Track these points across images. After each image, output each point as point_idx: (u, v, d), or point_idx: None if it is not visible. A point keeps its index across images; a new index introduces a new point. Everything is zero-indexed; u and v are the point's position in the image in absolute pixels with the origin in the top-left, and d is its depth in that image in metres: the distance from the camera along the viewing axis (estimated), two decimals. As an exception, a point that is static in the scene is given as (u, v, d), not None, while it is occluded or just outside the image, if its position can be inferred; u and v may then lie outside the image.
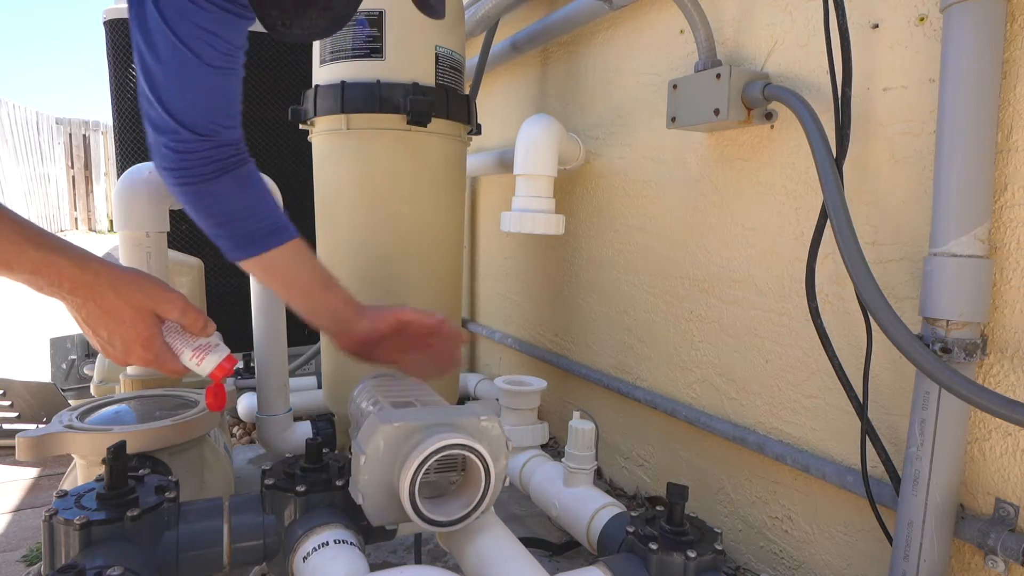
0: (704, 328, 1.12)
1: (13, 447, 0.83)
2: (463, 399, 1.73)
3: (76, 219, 9.03)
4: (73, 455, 0.89)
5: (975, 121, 0.68)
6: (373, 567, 0.64)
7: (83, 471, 0.89)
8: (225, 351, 0.68)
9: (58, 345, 1.77)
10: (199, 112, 0.71)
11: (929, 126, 0.77)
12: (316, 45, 1.27)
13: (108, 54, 1.73)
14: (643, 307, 1.27)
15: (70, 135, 8.91)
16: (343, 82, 1.19)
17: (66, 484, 0.97)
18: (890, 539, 0.80)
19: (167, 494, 0.68)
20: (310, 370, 1.80)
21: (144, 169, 1.07)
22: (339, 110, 1.19)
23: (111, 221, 8.83)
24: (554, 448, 1.58)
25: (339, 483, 0.73)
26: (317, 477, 0.73)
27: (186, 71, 0.68)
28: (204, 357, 0.67)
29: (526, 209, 1.29)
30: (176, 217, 1.08)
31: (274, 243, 0.78)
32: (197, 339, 0.67)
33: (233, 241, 0.78)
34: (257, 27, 0.64)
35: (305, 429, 1.35)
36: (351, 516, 0.72)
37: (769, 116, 0.95)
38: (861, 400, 0.82)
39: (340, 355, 1.32)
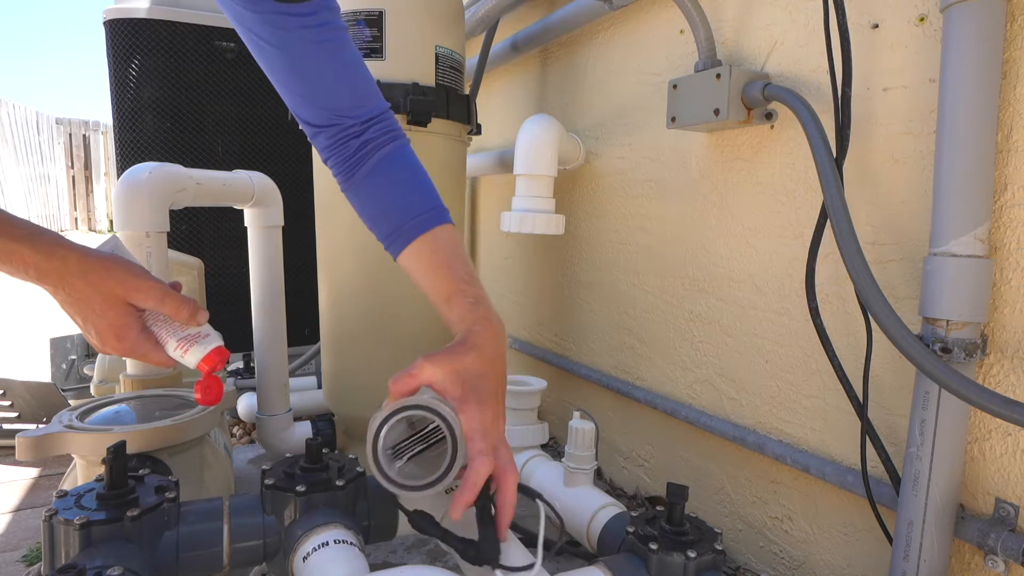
0: (704, 328, 1.12)
1: (13, 447, 0.83)
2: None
3: (76, 219, 9.03)
4: (73, 455, 0.89)
5: (975, 121, 0.68)
6: (373, 567, 0.63)
7: (83, 471, 0.89)
8: (215, 342, 0.63)
9: (58, 345, 1.77)
10: (306, 104, 0.69)
11: (929, 126, 0.77)
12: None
13: (108, 54, 1.73)
14: (643, 307, 1.27)
15: (70, 135, 8.91)
16: (343, 82, 1.19)
17: (66, 484, 0.97)
18: (890, 539, 0.80)
19: (167, 494, 0.68)
20: (310, 370, 1.80)
21: (144, 169, 1.07)
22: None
23: (111, 221, 8.82)
24: (554, 448, 1.58)
25: (339, 483, 0.73)
26: (317, 477, 0.73)
27: (272, 64, 0.66)
28: (189, 348, 0.62)
29: (526, 209, 1.29)
30: (176, 217, 1.08)
31: (395, 250, 0.71)
32: (186, 329, 0.62)
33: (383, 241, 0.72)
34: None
35: (305, 429, 1.35)
36: (351, 516, 0.72)
37: (769, 116, 0.95)
38: (861, 400, 0.82)
39: (341, 355, 1.32)
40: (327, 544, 0.66)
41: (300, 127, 0.73)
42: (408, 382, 0.61)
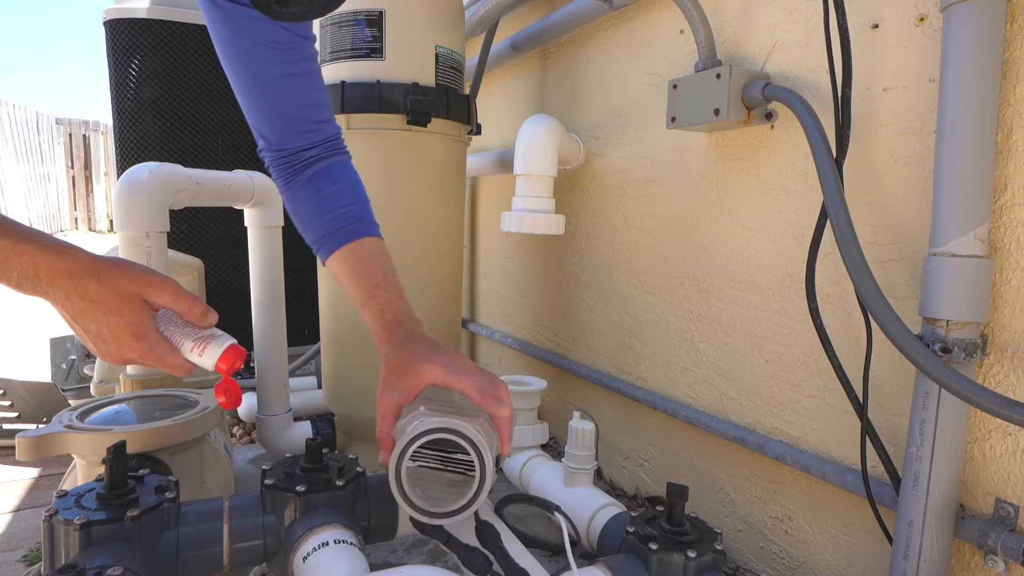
0: (704, 328, 1.12)
1: (13, 447, 0.83)
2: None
3: (76, 219, 9.04)
4: (73, 455, 0.89)
5: (975, 121, 0.68)
6: (373, 567, 0.64)
7: (83, 471, 0.89)
8: (229, 340, 0.62)
9: (58, 345, 1.77)
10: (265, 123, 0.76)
11: (929, 126, 0.77)
12: (316, 45, 1.27)
13: (108, 54, 1.73)
14: (643, 307, 1.27)
15: (70, 135, 8.92)
16: (343, 82, 1.19)
17: (66, 484, 0.97)
18: (890, 539, 0.80)
19: (167, 494, 0.68)
20: (310, 370, 1.80)
21: (144, 169, 1.07)
22: (339, 110, 1.19)
23: (111, 221, 8.83)
24: (554, 448, 1.58)
25: (339, 483, 0.73)
26: (317, 477, 0.73)
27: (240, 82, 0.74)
28: (205, 348, 0.60)
29: (526, 209, 1.29)
30: (176, 217, 1.08)
31: (323, 255, 0.77)
32: (199, 331, 0.61)
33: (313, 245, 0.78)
34: None
35: (305, 429, 1.35)
36: (351, 516, 0.72)
37: (769, 116, 0.95)
38: (861, 400, 0.82)
39: (341, 355, 1.32)
40: (327, 544, 0.66)
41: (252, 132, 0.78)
42: (387, 429, 0.66)
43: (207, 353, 0.60)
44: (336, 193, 0.77)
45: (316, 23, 1.25)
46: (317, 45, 1.24)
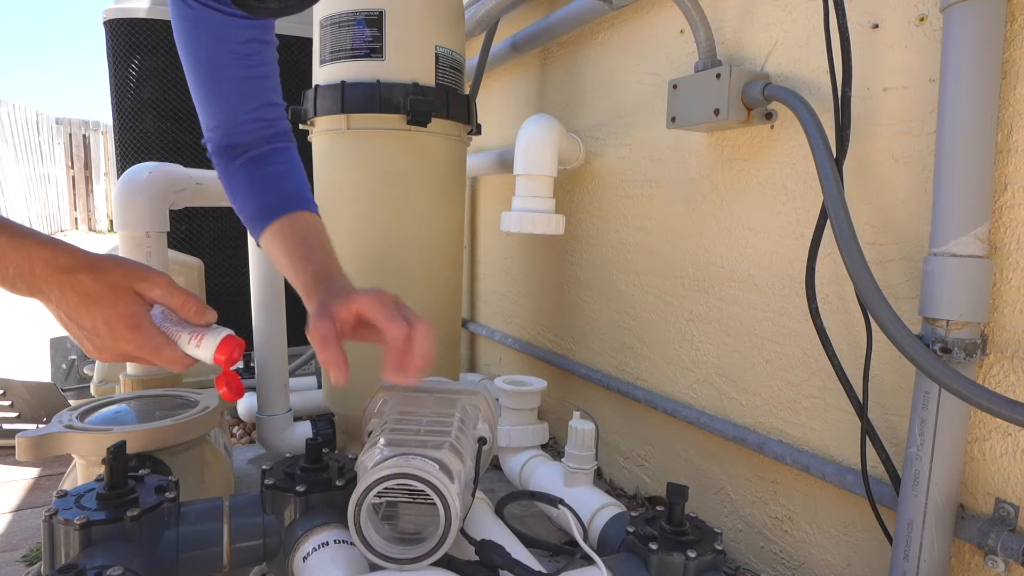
0: (704, 328, 1.12)
1: (13, 447, 0.83)
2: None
3: (76, 219, 9.04)
4: (73, 455, 0.89)
5: (975, 121, 0.68)
6: (373, 567, 0.63)
7: (83, 471, 0.90)
8: (226, 331, 0.61)
9: (58, 345, 1.77)
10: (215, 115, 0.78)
11: (929, 126, 0.77)
12: (316, 45, 1.27)
13: (108, 54, 1.73)
14: (643, 307, 1.27)
15: (70, 135, 8.92)
16: (343, 82, 1.19)
17: (66, 484, 0.97)
18: (890, 539, 0.80)
19: (167, 494, 0.68)
20: (310, 370, 1.80)
21: (144, 169, 1.07)
22: (339, 110, 1.19)
23: (111, 221, 8.83)
24: (554, 448, 1.58)
25: (339, 483, 0.73)
26: (317, 477, 0.73)
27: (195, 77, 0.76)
28: (203, 339, 0.59)
29: (526, 209, 1.29)
30: (176, 217, 1.08)
31: (257, 231, 0.79)
32: (196, 325, 0.60)
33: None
34: None
35: (305, 429, 1.35)
36: (351, 516, 0.72)
37: (769, 116, 0.95)
38: (861, 400, 0.82)
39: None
40: (327, 544, 0.66)
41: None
42: (328, 353, 0.64)
43: (204, 344, 0.59)
44: (274, 174, 0.79)
45: (312, 24, 1.25)
46: (317, 44, 1.25)
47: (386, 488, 0.61)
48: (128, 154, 1.74)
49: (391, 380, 0.64)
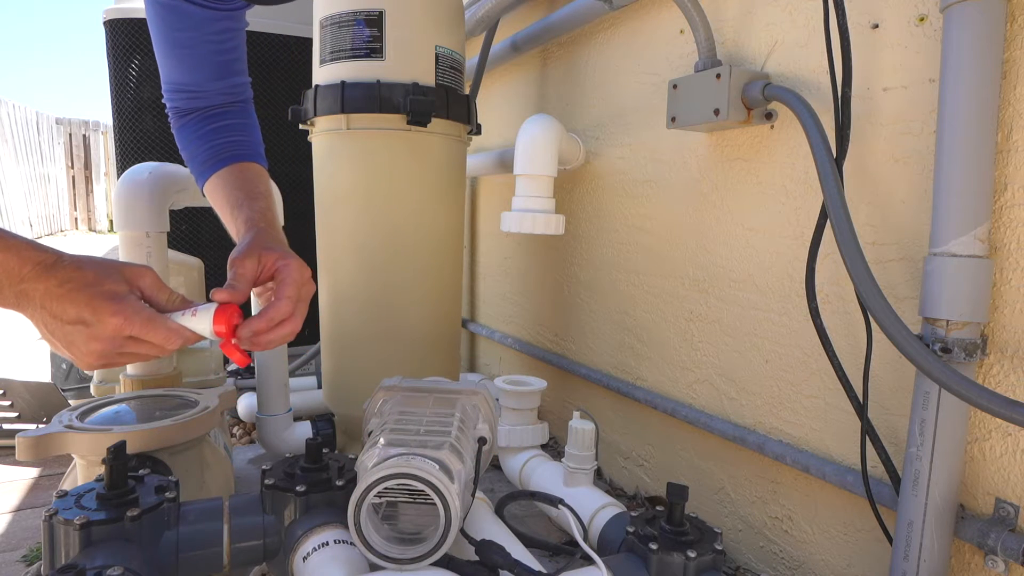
0: (704, 328, 1.12)
1: (13, 447, 0.83)
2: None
3: (76, 219, 9.04)
4: (73, 455, 0.89)
5: (975, 121, 0.68)
6: (373, 567, 0.64)
7: (83, 471, 0.90)
8: (217, 303, 0.59)
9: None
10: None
11: (929, 126, 0.77)
12: (315, 45, 1.27)
13: (108, 54, 1.73)
14: (643, 307, 1.27)
15: (70, 135, 8.92)
16: (343, 82, 1.19)
17: (66, 484, 0.97)
18: (890, 539, 0.80)
19: (167, 494, 0.68)
20: (310, 370, 1.80)
21: (144, 169, 1.07)
22: (339, 110, 1.19)
23: (111, 221, 8.83)
24: (554, 448, 1.58)
25: (339, 483, 0.73)
26: (317, 477, 0.73)
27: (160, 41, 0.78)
28: (196, 311, 0.57)
29: (526, 209, 1.29)
30: (176, 217, 1.08)
31: (202, 180, 0.81)
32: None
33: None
34: (255, 27, 0.65)
35: (305, 429, 1.35)
36: (351, 516, 0.72)
37: (769, 116, 0.95)
38: (861, 400, 0.82)
39: (341, 355, 1.32)
40: (327, 544, 0.66)
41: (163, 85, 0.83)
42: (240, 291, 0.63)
43: (200, 314, 0.57)
44: (228, 127, 0.81)
45: (312, 24, 1.25)
46: (317, 44, 1.25)
47: (386, 488, 0.61)
48: (128, 154, 1.74)
49: (234, 338, 0.62)
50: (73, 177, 8.97)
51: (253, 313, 0.64)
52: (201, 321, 0.57)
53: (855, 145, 0.85)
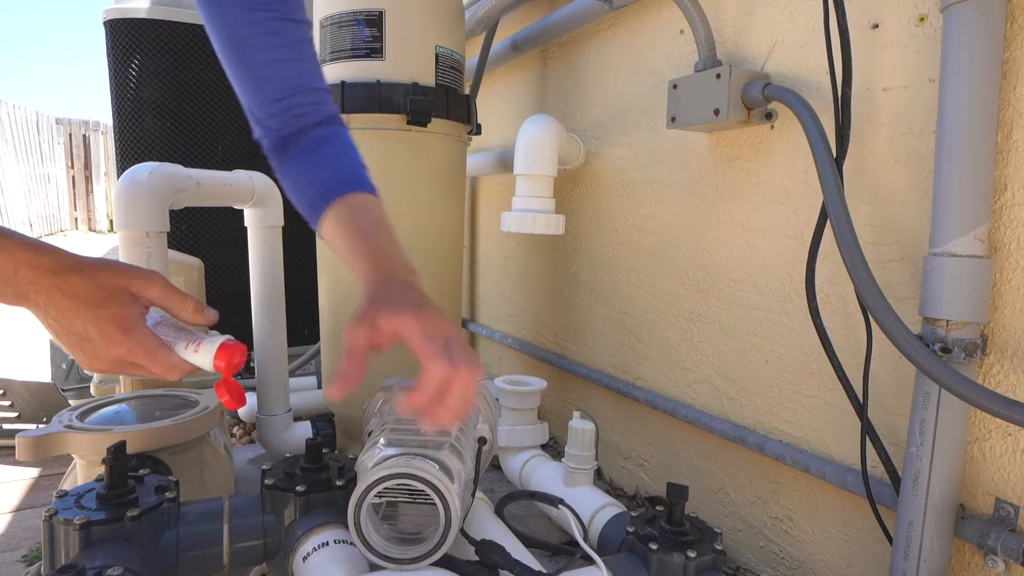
0: (704, 328, 1.12)
1: (13, 447, 0.83)
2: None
3: (76, 219, 9.03)
4: (73, 455, 0.89)
5: (975, 121, 0.68)
6: (373, 567, 0.64)
7: (83, 471, 0.89)
8: (224, 336, 0.57)
9: (58, 346, 1.77)
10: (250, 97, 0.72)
11: (929, 126, 0.77)
12: (316, 45, 1.27)
13: (108, 54, 1.73)
14: (643, 307, 1.27)
15: (70, 135, 8.91)
16: (343, 82, 1.19)
17: (66, 484, 0.97)
18: (890, 539, 0.80)
19: (167, 494, 0.68)
20: (310, 370, 1.80)
21: (144, 169, 1.07)
22: (339, 110, 1.19)
23: (111, 221, 8.84)
24: (554, 448, 1.58)
25: (339, 483, 0.73)
26: (317, 477, 0.73)
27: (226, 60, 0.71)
28: (200, 345, 0.56)
29: (526, 209, 1.29)
30: (176, 217, 1.08)
31: (315, 224, 0.71)
32: (193, 333, 0.57)
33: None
34: None
35: (305, 429, 1.35)
36: (351, 516, 0.72)
37: (769, 116, 0.95)
38: (861, 400, 0.82)
39: (340, 355, 1.32)
40: (327, 544, 0.66)
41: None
42: (353, 365, 0.57)
43: (203, 349, 0.56)
44: (325, 157, 0.72)
45: (315, 21, 1.25)
46: (317, 45, 1.25)
47: (386, 488, 0.61)
48: (128, 154, 1.74)
49: (422, 427, 0.60)
50: (73, 177, 8.97)
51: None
52: (204, 356, 0.56)
53: (855, 145, 0.85)
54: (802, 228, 0.94)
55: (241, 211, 1.32)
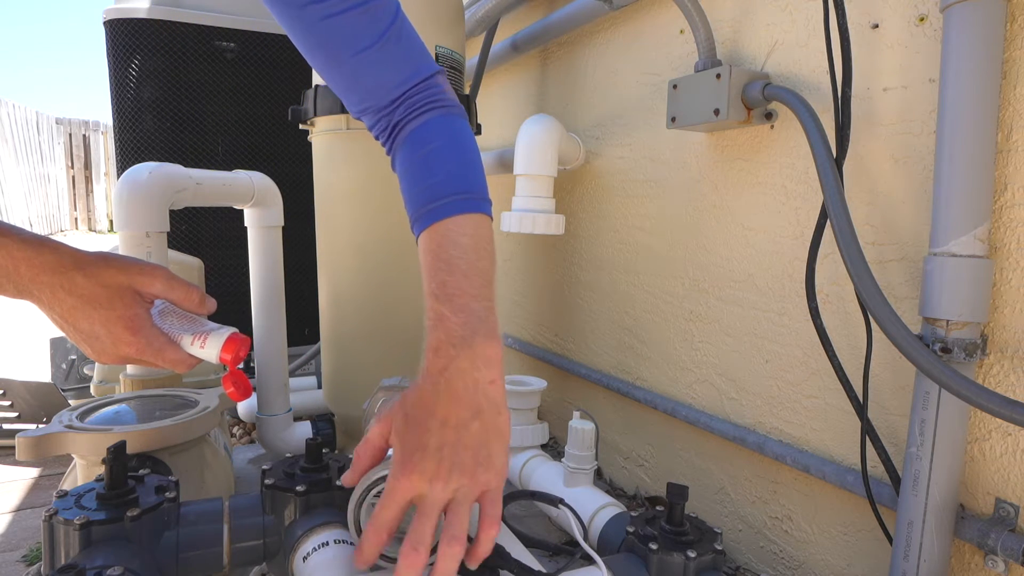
0: (704, 328, 1.12)
1: (13, 447, 0.83)
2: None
3: (76, 219, 9.04)
4: (73, 455, 0.89)
5: (975, 121, 0.68)
6: (373, 567, 0.63)
7: (83, 471, 0.89)
8: (230, 329, 0.58)
9: (58, 345, 1.77)
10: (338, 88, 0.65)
11: (929, 126, 0.77)
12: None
13: (108, 54, 1.73)
14: (643, 307, 1.27)
15: (70, 135, 8.92)
16: (343, 82, 1.19)
17: (66, 484, 0.97)
18: (890, 539, 0.80)
19: (167, 494, 0.68)
20: (310, 370, 1.80)
21: (144, 169, 1.07)
22: (339, 110, 1.19)
23: (111, 221, 8.83)
24: (554, 448, 1.58)
25: (339, 483, 0.72)
26: (317, 477, 0.73)
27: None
28: (207, 339, 0.57)
29: (526, 209, 1.29)
30: (176, 217, 1.08)
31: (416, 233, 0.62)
32: (199, 325, 0.58)
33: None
34: (255, 27, 0.64)
35: (305, 429, 1.35)
36: (351, 516, 0.72)
37: (769, 116, 0.95)
38: (861, 400, 0.82)
39: (341, 355, 1.32)
40: (327, 544, 0.66)
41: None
42: (366, 455, 0.56)
43: (209, 344, 0.57)
44: (420, 161, 0.62)
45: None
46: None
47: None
48: (128, 154, 1.74)
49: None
50: (73, 177, 8.97)
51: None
52: (210, 349, 0.57)
53: (855, 145, 0.85)
54: (802, 228, 0.94)
55: (241, 211, 1.32)
